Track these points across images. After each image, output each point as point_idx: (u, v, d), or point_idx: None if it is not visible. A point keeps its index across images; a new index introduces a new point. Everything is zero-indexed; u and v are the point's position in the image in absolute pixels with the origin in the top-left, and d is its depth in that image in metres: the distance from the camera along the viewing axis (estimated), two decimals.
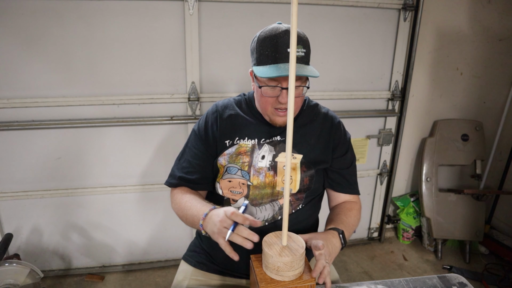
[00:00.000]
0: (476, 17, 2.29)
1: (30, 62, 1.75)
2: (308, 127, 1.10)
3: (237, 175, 1.06)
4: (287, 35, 0.91)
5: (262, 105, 1.02)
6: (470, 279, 2.15)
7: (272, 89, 0.96)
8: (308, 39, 0.97)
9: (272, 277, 0.80)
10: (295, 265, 0.79)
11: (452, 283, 1.01)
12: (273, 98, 0.97)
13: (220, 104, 1.13)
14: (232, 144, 1.07)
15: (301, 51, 0.93)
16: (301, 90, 0.97)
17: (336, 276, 1.19)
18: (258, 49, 0.95)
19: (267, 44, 0.93)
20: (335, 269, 1.24)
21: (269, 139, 1.07)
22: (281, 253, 0.79)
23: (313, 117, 1.12)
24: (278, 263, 0.78)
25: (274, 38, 0.92)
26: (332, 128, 1.11)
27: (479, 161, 2.45)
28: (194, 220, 0.95)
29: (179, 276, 1.17)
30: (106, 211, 2.08)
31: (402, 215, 2.54)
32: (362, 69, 2.17)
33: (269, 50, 0.92)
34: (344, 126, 1.16)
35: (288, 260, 0.78)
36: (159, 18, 1.81)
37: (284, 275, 0.79)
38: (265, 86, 0.96)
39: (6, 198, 1.93)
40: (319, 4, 1.95)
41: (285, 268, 0.78)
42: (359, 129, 2.29)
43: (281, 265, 0.78)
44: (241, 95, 1.16)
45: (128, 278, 2.12)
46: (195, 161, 1.09)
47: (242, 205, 0.92)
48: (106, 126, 1.92)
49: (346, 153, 1.13)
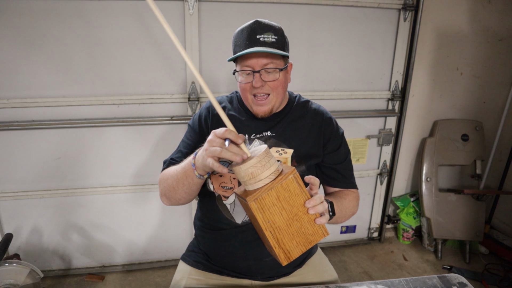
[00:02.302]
0: (476, 17, 2.29)
1: (30, 62, 1.75)
2: (298, 122, 1.11)
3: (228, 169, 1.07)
4: (256, 23, 0.98)
5: (243, 95, 1.05)
6: (470, 279, 2.15)
7: (246, 76, 1.00)
8: (284, 32, 1.03)
9: (255, 188, 0.77)
10: (266, 164, 0.76)
11: (452, 283, 1.01)
12: (249, 84, 1.00)
13: None
14: None
15: (271, 37, 0.97)
16: (276, 74, 0.99)
17: (336, 276, 1.19)
18: (234, 42, 1.03)
19: (239, 35, 1.00)
20: (335, 269, 1.24)
21: (260, 134, 1.09)
22: (247, 160, 0.77)
23: (303, 113, 1.13)
24: (249, 169, 0.75)
25: (245, 29, 0.99)
26: (322, 123, 1.12)
27: (479, 161, 2.45)
28: (186, 169, 0.92)
29: (177, 275, 1.17)
30: (106, 211, 2.08)
31: (402, 215, 2.54)
32: (362, 69, 2.17)
33: (241, 40, 0.99)
34: (336, 122, 1.16)
35: (255, 161, 0.75)
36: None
37: (262, 177, 0.76)
38: (240, 71, 1.00)
39: (6, 198, 1.93)
40: (319, 4, 1.95)
41: (258, 170, 0.75)
42: (359, 129, 2.29)
43: (253, 170, 0.75)
44: (233, 92, 1.20)
45: (128, 278, 2.12)
46: (187, 150, 1.12)
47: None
48: (106, 126, 1.92)
49: (339, 148, 1.13)
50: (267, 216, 0.76)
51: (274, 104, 1.03)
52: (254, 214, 0.76)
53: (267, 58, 0.97)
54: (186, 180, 0.94)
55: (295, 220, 0.78)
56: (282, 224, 0.77)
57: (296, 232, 0.78)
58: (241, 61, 0.99)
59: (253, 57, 0.97)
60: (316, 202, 0.79)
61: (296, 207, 0.78)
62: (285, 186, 0.76)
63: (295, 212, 0.78)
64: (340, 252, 2.46)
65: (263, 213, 0.76)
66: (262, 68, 0.97)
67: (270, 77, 0.99)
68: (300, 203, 0.78)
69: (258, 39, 0.96)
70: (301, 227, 0.79)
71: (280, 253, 0.78)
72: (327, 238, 2.51)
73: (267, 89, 1.00)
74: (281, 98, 1.05)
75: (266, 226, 0.77)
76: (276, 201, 0.76)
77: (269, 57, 0.97)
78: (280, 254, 0.78)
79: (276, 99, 1.03)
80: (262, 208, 0.76)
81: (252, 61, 0.97)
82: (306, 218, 0.79)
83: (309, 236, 0.79)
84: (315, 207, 0.78)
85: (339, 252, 2.46)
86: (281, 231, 0.77)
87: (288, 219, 0.77)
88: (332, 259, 1.91)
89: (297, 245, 0.79)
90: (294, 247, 0.79)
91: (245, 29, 0.99)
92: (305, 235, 0.79)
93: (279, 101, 1.05)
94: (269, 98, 1.02)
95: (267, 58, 0.97)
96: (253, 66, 0.98)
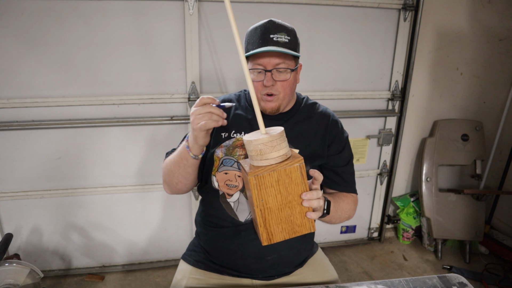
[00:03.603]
0: (476, 17, 2.29)
1: (30, 62, 1.75)
2: (304, 124, 1.11)
3: (233, 167, 1.07)
4: (270, 23, 0.99)
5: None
6: (470, 279, 2.15)
7: (257, 74, 1.00)
8: (296, 33, 1.03)
9: (259, 165, 0.79)
10: (276, 146, 0.77)
11: (452, 283, 1.01)
12: (260, 83, 1.01)
13: (220, 99, 1.16)
14: (228, 137, 1.09)
15: (284, 37, 0.98)
16: (287, 74, 1.00)
17: (336, 276, 1.19)
18: (246, 39, 1.03)
19: (252, 33, 1.01)
20: (335, 269, 1.24)
21: None
22: (261, 137, 0.79)
23: (310, 114, 1.13)
24: (259, 146, 0.77)
25: (259, 28, 1.00)
26: (328, 124, 1.13)
27: (479, 161, 2.45)
28: (181, 151, 0.99)
29: (178, 275, 1.17)
30: (106, 211, 2.08)
31: (402, 215, 2.54)
32: (362, 69, 2.17)
33: (254, 38, 0.99)
34: (342, 125, 1.16)
35: (267, 139, 0.76)
36: (159, 18, 1.81)
37: (269, 157, 0.77)
38: (251, 69, 1.01)
39: (6, 198, 1.93)
40: (319, 4, 1.95)
41: (267, 149, 0.77)
42: (359, 129, 2.29)
43: (262, 147, 0.77)
44: (242, 91, 1.20)
45: (128, 278, 2.12)
46: None
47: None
48: (106, 126, 1.92)
49: (342, 151, 1.14)
50: (262, 195, 0.78)
51: (281, 103, 1.04)
52: (251, 188, 0.78)
53: (280, 58, 0.98)
54: (182, 162, 1.00)
55: (287, 207, 0.80)
56: (274, 207, 0.79)
57: (285, 218, 0.80)
58: (253, 59, 1.00)
59: (266, 56, 0.98)
60: (312, 196, 0.80)
61: (292, 195, 0.79)
62: (287, 172, 0.78)
63: (289, 199, 0.79)
64: (340, 252, 2.46)
65: (259, 190, 0.78)
66: (274, 67, 0.98)
67: (281, 76, 1.00)
68: (297, 193, 0.79)
69: (272, 38, 0.97)
70: (291, 215, 0.80)
71: (263, 233, 0.81)
72: (327, 238, 2.52)
73: (277, 88, 1.01)
74: (289, 98, 1.06)
75: (258, 204, 0.79)
76: (275, 184, 0.78)
77: (282, 57, 0.98)
78: (263, 234, 0.81)
79: (284, 98, 1.04)
80: (259, 186, 0.78)
81: (264, 60, 0.98)
82: (298, 209, 0.80)
83: (296, 226, 0.81)
84: (310, 201, 0.80)
85: (339, 252, 2.46)
86: (270, 213, 0.79)
87: (281, 204, 0.79)
88: (332, 259, 1.91)
89: (282, 231, 0.81)
90: (278, 232, 0.81)
91: (258, 28, 1.00)
92: (292, 224, 0.81)
93: (287, 101, 1.06)
94: (277, 96, 1.02)
95: (280, 58, 0.98)
96: (265, 65, 0.98)
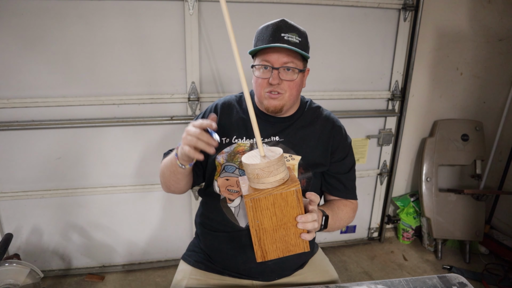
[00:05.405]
0: (476, 17, 2.29)
1: (30, 62, 1.75)
2: (308, 129, 1.09)
3: (234, 174, 1.06)
4: (283, 22, 0.98)
5: (257, 90, 1.03)
6: (470, 279, 2.15)
7: (264, 71, 0.99)
8: (307, 36, 1.04)
9: (255, 187, 0.79)
10: (273, 171, 0.77)
11: (452, 283, 1.01)
12: (265, 80, 0.99)
13: (221, 101, 1.15)
14: (229, 142, 1.08)
15: (295, 38, 0.97)
16: (294, 74, 0.99)
17: (336, 276, 1.19)
18: (256, 36, 1.02)
19: (263, 31, 1.00)
20: (335, 269, 1.24)
21: (268, 139, 1.08)
22: (259, 161, 0.79)
23: (313, 119, 1.11)
24: (256, 170, 0.77)
25: (270, 26, 0.99)
26: (332, 131, 1.11)
27: (479, 161, 2.45)
28: (171, 158, 0.99)
29: (178, 275, 1.17)
30: (106, 211, 2.08)
31: (402, 215, 2.54)
32: (362, 69, 2.17)
33: (265, 35, 0.98)
34: (345, 131, 1.15)
35: (264, 165, 0.77)
36: (159, 18, 1.81)
37: (266, 181, 0.78)
38: (258, 65, 0.99)
39: (6, 198, 1.93)
40: (319, 4, 1.96)
41: (264, 174, 0.77)
42: (359, 129, 2.29)
43: (259, 172, 0.77)
44: (243, 92, 1.17)
45: (128, 278, 2.12)
46: None
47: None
48: (106, 126, 1.92)
49: (345, 158, 1.12)
50: (258, 216, 0.79)
51: (285, 103, 1.01)
52: (247, 210, 0.79)
53: (289, 57, 0.96)
54: (171, 168, 1.00)
55: (282, 228, 0.81)
56: (269, 228, 0.80)
57: (280, 238, 0.81)
58: (261, 55, 0.98)
59: (275, 53, 0.96)
60: (307, 219, 0.80)
61: (287, 217, 0.80)
62: (284, 196, 0.78)
63: (285, 221, 0.80)
64: (340, 252, 2.46)
65: (255, 212, 0.79)
66: (281, 65, 0.97)
67: (288, 76, 0.98)
68: (293, 215, 0.80)
69: (283, 37, 0.95)
70: (285, 235, 0.81)
71: (258, 251, 0.82)
72: (327, 238, 2.52)
73: (282, 87, 0.99)
74: (293, 99, 1.03)
75: (253, 224, 0.79)
76: (270, 206, 0.79)
77: (291, 56, 0.97)
78: (257, 251, 0.82)
79: (289, 99, 1.01)
80: (255, 208, 0.78)
81: (273, 57, 0.96)
82: (293, 230, 0.81)
83: (290, 246, 0.83)
84: (305, 224, 0.80)
85: (339, 252, 2.46)
86: (265, 233, 0.80)
87: (276, 225, 0.80)
88: (332, 259, 1.90)
89: (276, 250, 0.82)
90: (272, 250, 0.82)
91: (270, 25, 0.98)
92: (286, 244, 0.82)
93: (291, 102, 1.03)
94: (283, 95, 1.00)
95: (288, 57, 0.96)
96: (273, 62, 0.97)
